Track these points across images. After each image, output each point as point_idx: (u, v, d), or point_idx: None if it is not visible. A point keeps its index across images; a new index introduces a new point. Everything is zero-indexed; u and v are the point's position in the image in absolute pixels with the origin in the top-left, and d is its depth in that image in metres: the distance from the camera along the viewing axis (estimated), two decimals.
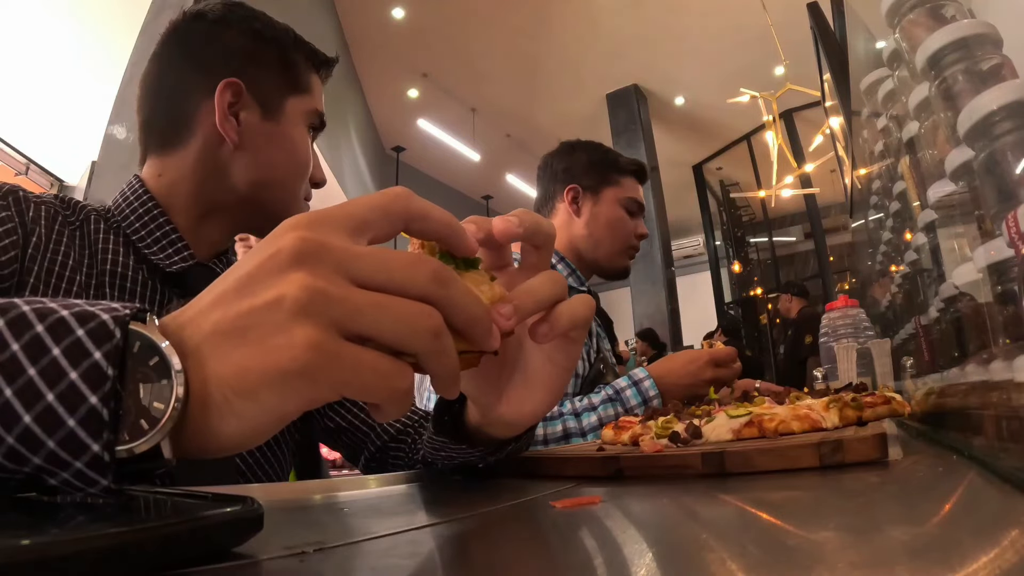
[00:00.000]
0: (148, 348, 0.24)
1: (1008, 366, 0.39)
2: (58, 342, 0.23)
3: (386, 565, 0.23)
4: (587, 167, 1.35)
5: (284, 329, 0.24)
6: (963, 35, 0.51)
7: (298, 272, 0.25)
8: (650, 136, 6.95)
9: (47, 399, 0.22)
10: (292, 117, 0.71)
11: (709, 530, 0.27)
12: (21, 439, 0.22)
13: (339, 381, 0.24)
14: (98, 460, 0.23)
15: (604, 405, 1.06)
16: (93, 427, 0.23)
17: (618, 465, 0.44)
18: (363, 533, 0.30)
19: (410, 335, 0.25)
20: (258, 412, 0.24)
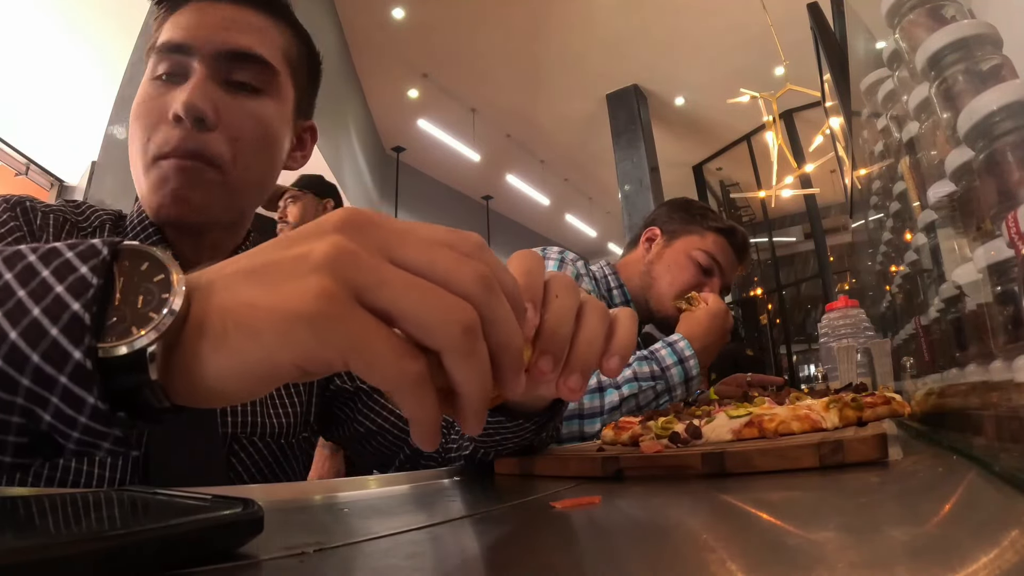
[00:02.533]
0: (155, 266, 0.24)
1: (1008, 366, 0.39)
2: (48, 265, 0.24)
3: (386, 565, 0.23)
4: (673, 213, 1.34)
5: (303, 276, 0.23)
6: (963, 35, 0.51)
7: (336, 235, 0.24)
8: (650, 136, 6.95)
9: (32, 313, 0.23)
10: (141, 85, 0.61)
11: (709, 530, 0.27)
12: (9, 358, 0.22)
13: (345, 342, 0.23)
14: (81, 370, 0.22)
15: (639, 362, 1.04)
16: (76, 333, 0.22)
17: (618, 465, 0.44)
18: (363, 533, 0.30)
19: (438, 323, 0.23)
20: (253, 352, 0.23)
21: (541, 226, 9.71)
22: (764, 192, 6.24)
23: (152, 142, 0.58)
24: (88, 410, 0.23)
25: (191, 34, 0.59)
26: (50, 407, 0.23)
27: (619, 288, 1.30)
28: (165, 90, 0.59)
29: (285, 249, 0.24)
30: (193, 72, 0.58)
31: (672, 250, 1.29)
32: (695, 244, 1.28)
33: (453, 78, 6.67)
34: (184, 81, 0.58)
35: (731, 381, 1.26)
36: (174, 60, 0.59)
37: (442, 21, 5.88)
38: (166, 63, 0.59)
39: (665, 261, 1.29)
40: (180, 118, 0.56)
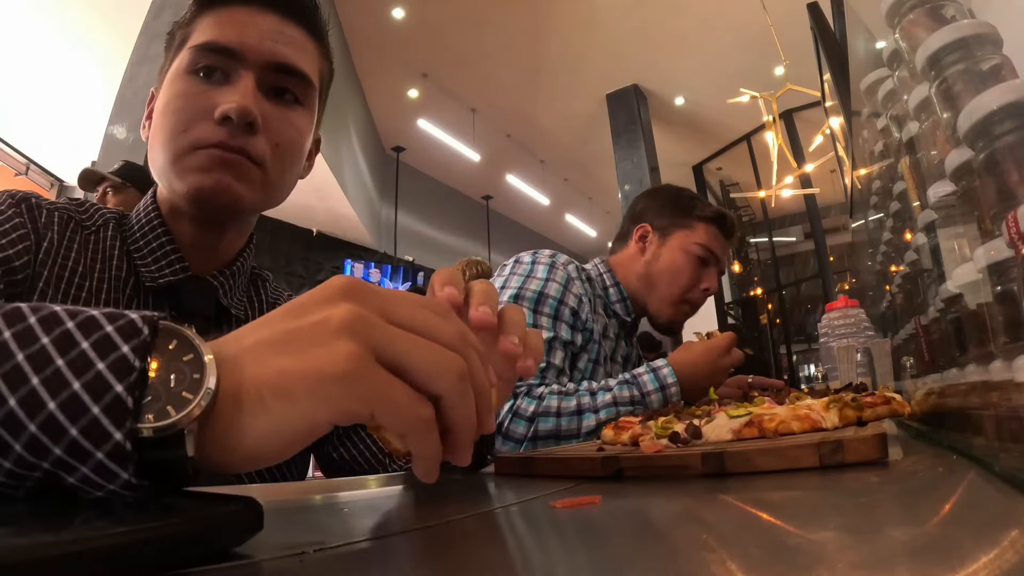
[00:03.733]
0: (184, 344, 0.25)
1: (1008, 366, 0.39)
2: (87, 336, 0.24)
3: (386, 566, 0.23)
4: (662, 208, 1.34)
5: (328, 341, 0.26)
6: (963, 35, 0.51)
7: (345, 302, 0.27)
8: (650, 136, 6.95)
9: (73, 387, 0.23)
10: (172, 74, 0.63)
11: (709, 530, 0.27)
12: (44, 427, 0.22)
13: (372, 396, 0.26)
14: (120, 450, 0.23)
15: (620, 386, 1.05)
16: (117, 415, 0.23)
17: (618, 465, 0.44)
18: (363, 533, 0.30)
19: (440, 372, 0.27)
20: (291, 414, 0.25)
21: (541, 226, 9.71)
22: (764, 192, 6.24)
23: (189, 134, 0.59)
24: (120, 482, 0.24)
25: (240, 40, 0.61)
26: (78, 474, 0.23)
27: (615, 286, 1.31)
28: (206, 88, 0.60)
29: (301, 318, 0.27)
30: (240, 77, 0.60)
31: (668, 248, 1.29)
32: (689, 239, 1.28)
33: (453, 78, 6.67)
34: (226, 82, 0.60)
35: (733, 383, 1.26)
36: (218, 61, 0.60)
37: (442, 21, 5.88)
38: (207, 61, 0.60)
39: (663, 262, 1.29)
40: (230, 119, 0.58)
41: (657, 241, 1.31)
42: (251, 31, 0.62)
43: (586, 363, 1.17)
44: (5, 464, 0.23)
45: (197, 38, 0.62)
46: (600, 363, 1.20)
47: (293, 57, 0.63)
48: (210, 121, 0.59)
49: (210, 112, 0.59)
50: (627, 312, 1.31)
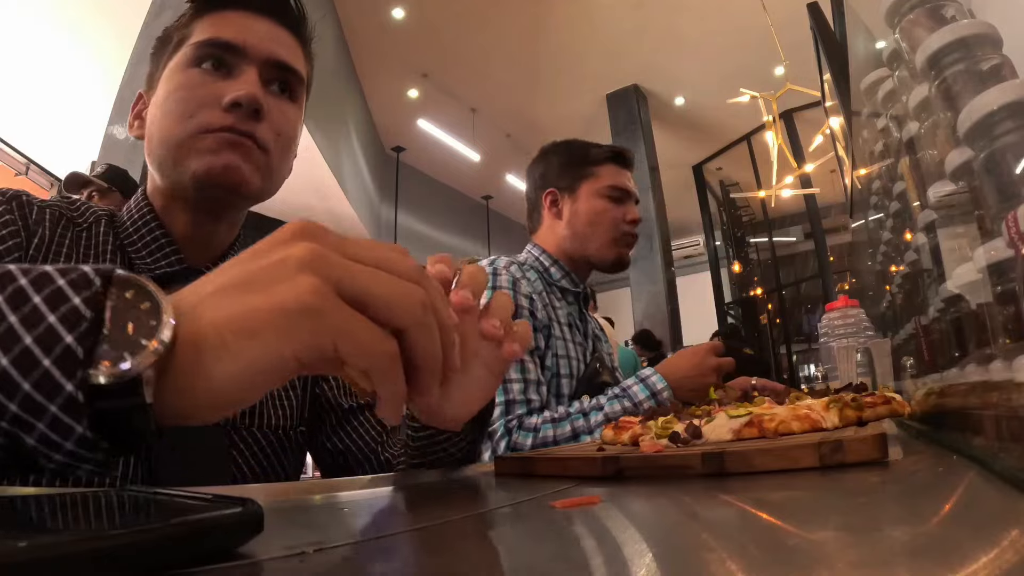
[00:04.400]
0: (140, 294, 0.25)
1: (1008, 366, 0.39)
2: (39, 291, 0.24)
3: (386, 565, 0.23)
4: (560, 168, 1.36)
5: (288, 278, 0.26)
6: (963, 35, 0.51)
7: (302, 242, 0.27)
8: (650, 136, 6.95)
9: (24, 342, 0.23)
10: (171, 70, 0.64)
11: (709, 530, 0.27)
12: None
13: (335, 329, 0.26)
14: (72, 401, 0.23)
15: (611, 401, 1.07)
16: (68, 366, 0.23)
17: (618, 465, 0.44)
18: (363, 533, 0.30)
19: (401, 303, 0.28)
20: (256, 352, 0.25)
21: None
22: (764, 192, 6.25)
23: (196, 119, 0.61)
24: (75, 438, 0.23)
25: (243, 38, 0.64)
26: (35, 432, 0.23)
27: (554, 264, 1.31)
28: (212, 80, 0.63)
29: (259, 260, 0.27)
30: (243, 71, 0.64)
31: (581, 203, 1.31)
32: (596, 186, 1.31)
33: (453, 78, 6.67)
34: (229, 75, 0.63)
35: (735, 385, 1.25)
36: (222, 57, 0.64)
37: (442, 21, 5.88)
38: (211, 57, 0.63)
39: (583, 216, 1.30)
40: (239, 104, 0.61)
41: (569, 200, 1.32)
42: (251, 32, 0.65)
43: (552, 359, 1.17)
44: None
45: (198, 36, 0.64)
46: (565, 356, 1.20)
47: (288, 57, 0.67)
48: (217, 108, 0.61)
49: (216, 100, 0.61)
50: (575, 284, 1.31)
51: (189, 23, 0.66)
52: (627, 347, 6.32)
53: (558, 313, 1.24)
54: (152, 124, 0.64)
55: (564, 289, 1.30)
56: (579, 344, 1.25)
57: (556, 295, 1.28)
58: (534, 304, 1.17)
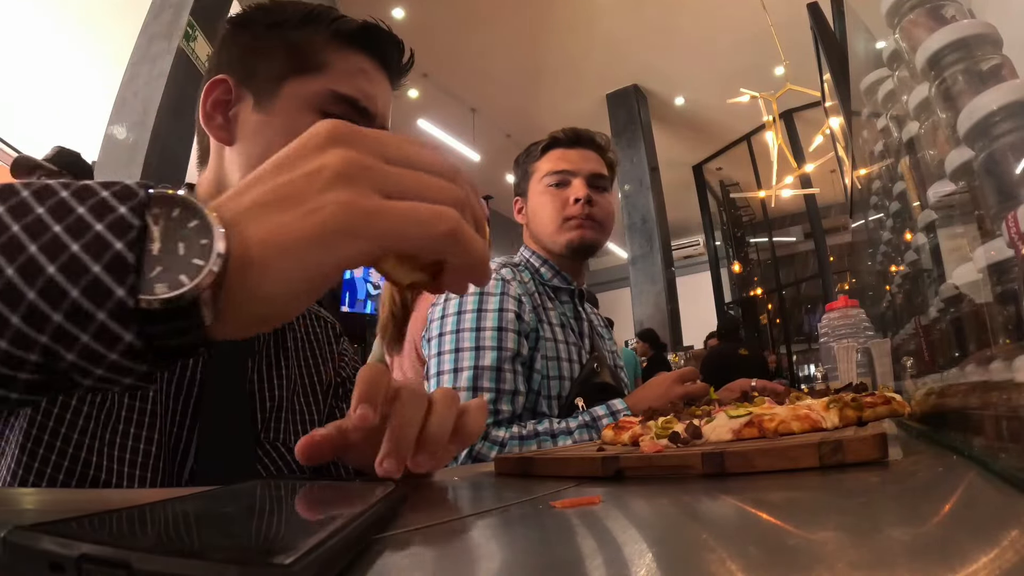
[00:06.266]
0: (187, 211, 0.25)
1: (1008, 366, 0.39)
2: (83, 202, 0.23)
3: (385, 565, 0.23)
4: (517, 175, 1.40)
5: (324, 191, 0.25)
6: (963, 35, 0.51)
7: (336, 148, 0.27)
8: (650, 136, 6.96)
9: (71, 249, 0.22)
10: (292, 101, 0.62)
11: (709, 530, 0.27)
12: (44, 292, 0.22)
13: (378, 233, 0.26)
14: (122, 307, 0.22)
15: (580, 430, 1.08)
16: (118, 271, 0.22)
17: (618, 465, 0.44)
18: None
19: (438, 199, 0.28)
20: (299, 268, 0.25)
21: None
22: (764, 192, 6.25)
23: None
24: (122, 347, 0.23)
25: (373, 104, 0.65)
26: (77, 345, 0.23)
27: (544, 264, 1.31)
28: None
29: (294, 169, 0.26)
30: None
31: (531, 200, 1.34)
32: (537, 180, 1.32)
33: (453, 78, 6.67)
34: None
35: (735, 387, 1.25)
36: (350, 115, 0.63)
37: (442, 21, 5.88)
38: (343, 113, 0.62)
39: (531, 214, 1.33)
40: None
41: (525, 202, 1.36)
42: (380, 96, 0.66)
43: (541, 362, 1.17)
44: (1, 345, 0.22)
45: (336, 82, 0.62)
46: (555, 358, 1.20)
47: (389, 120, 0.69)
48: None
49: None
50: (567, 282, 1.31)
51: (323, 49, 0.63)
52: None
53: (549, 314, 1.23)
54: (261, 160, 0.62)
55: (557, 288, 1.30)
56: (573, 344, 1.25)
57: (549, 295, 1.28)
58: (522, 307, 1.16)
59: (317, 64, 0.62)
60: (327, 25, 0.63)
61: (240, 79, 0.63)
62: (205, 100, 0.63)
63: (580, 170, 1.29)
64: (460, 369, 1.10)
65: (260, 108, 0.63)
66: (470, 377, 1.08)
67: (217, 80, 0.64)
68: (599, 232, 1.29)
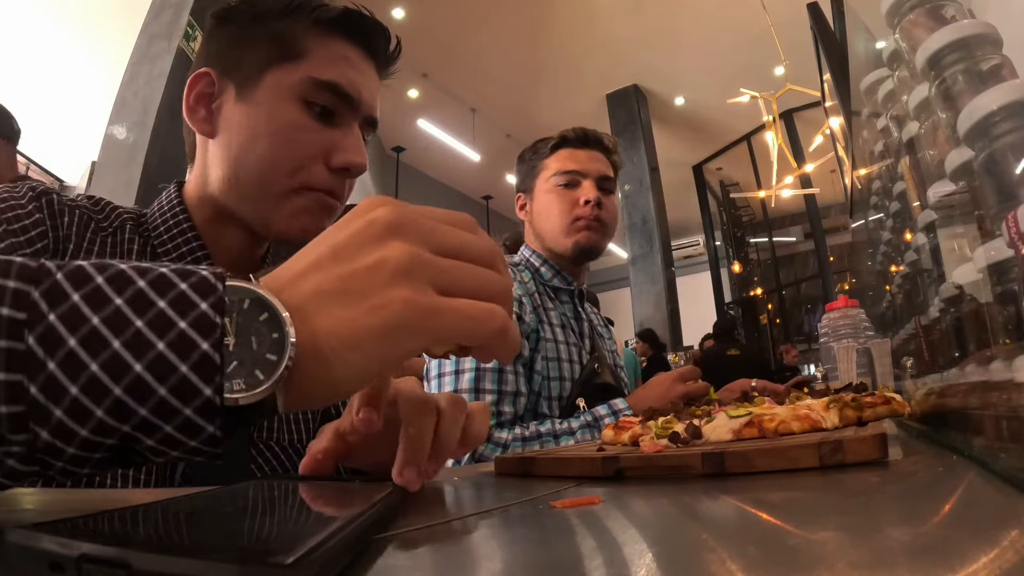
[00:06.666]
0: (257, 303, 0.26)
1: (1008, 366, 0.39)
2: (163, 296, 0.24)
3: (386, 565, 0.23)
4: (522, 170, 1.37)
5: (384, 289, 0.27)
6: (963, 35, 0.51)
7: (395, 240, 0.28)
8: (650, 136, 6.96)
9: (158, 347, 0.23)
10: (274, 91, 0.61)
11: (709, 530, 0.27)
12: (130, 389, 0.22)
13: (436, 330, 0.28)
14: (209, 405, 0.23)
15: (583, 430, 1.08)
16: (206, 371, 0.23)
17: (618, 465, 0.44)
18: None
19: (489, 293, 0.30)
20: (364, 360, 0.27)
21: None
22: (764, 192, 6.25)
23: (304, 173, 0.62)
24: (204, 436, 0.24)
25: (359, 92, 0.65)
26: (158, 434, 0.23)
27: (544, 264, 1.30)
28: (319, 127, 0.63)
29: (354, 261, 0.28)
30: (351, 126, 0.65)
31: (536, 199, 1.31)
32: (545, 178, 1.29)
33: (453, 78, 6.67)
34: (336, 124, 0.64)
35: (736, 387, 1.25)
36: (334, 103, 0.63)
37: (442, 21, 5.88)
38: (326, 101, 0.63)
39: (537, 212, 1.30)
40: (348, 171, 0.64)
41: (529, 199, 1.34)
42: (364, 83, 0.66)
43: (542, 363, 1.17)
44: (81, 432, 0.22)
45: (317, 69, 0.62)
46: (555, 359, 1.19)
47: (377, 110, 0.69)
48: (321, 164, 0.63)
49: (324, 155, 0.63)
50: (567, 282, 1.30)
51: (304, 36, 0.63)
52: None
53: (550, 315, 1.23)
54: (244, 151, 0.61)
55: (557, 288, 1.30)
56: (573, 344, 1.24)
57: (549, 295, 1.27)
58: (522, 308, 1.16)
59: (298, 52, 0.62)
60: (309, 13, 0.63)
61: (223, 71, 0.63)
62: (188, 93, 0.63)
63: (589, 171, 1.27)
64: (461, 371, 1.10)
65: (242, 98, 0.62)
66: (472, 379, 1.08)
67: (200, 73, 0.64)
68: (604, 235, 1.28)
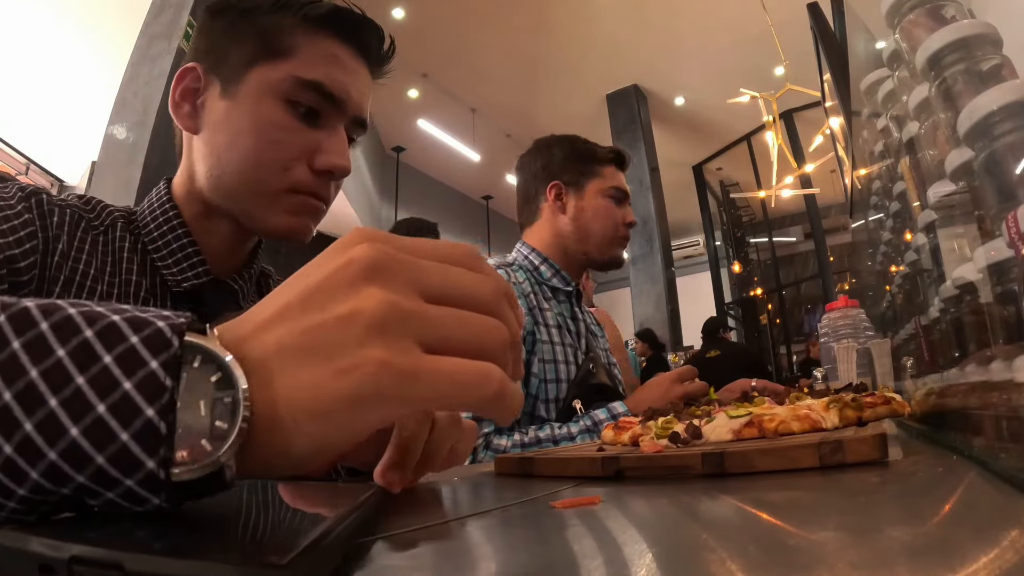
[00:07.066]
0: (209, 361, 0.22)
1: (1008, 366, 0.39)
2: (110, 349, 0.21)
3: (386, 565, 0.23)
4: (565, 162, 1.35)
5: (356, 348, 0.23)
6: (963, 35, 0.51)
7: (372, 287, 0.24)
8: (650, 136, 6.95)
9: (97, 410, 0.20)
10: (257, 88, 0.60)
11: (709, 530, 0.27)
12: (66, 455, 0.20)
13: (415, 398, 0.24)
14: (152, 478, 0.21)
15: (582, 435, 1.07)
16: (149, 442, 0.21)
17: (618, 465, 0.44)
18: (362, 534, 0.30)
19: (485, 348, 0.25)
20: (330, 432, 0.23)
21: None
22: (764, 192, 6.25)
23: (288, 175, 0.61)
24: (150, 506, 0.22)
25: (346, 92, 0.63)
26: (100, 499, 0.21)
27: (544, 263, 1.30)
28: (303, 127, 0.62)
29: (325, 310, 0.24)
30: (335, 128, 0.63)
31: (587, 200, 1.32)
32: (602, 186, 1.32)
33: (453, 78, 6.67)
34: (321, 125, 0.63)
35: (735, 387, 1.25)
36: (322, 105, 0.62)
37: (442, 21, 5.88)
38: (311, 101, 0.62)
39: (589, 213, 1.31)
40: (332, 174, 0.63)
41: (574, 195, 1.32)
42: (353, 83, 0.64)
43: (539, 365, 1.16)
44: (18, 491, 0.20)
45: (303, 68, 0.61)
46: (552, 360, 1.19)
47: (367, 111, 0.67)
48: (307, 166, 0.62)
49: (308, 155, 0.62)
50: (566, 282, 1.31)
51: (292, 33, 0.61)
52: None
53: (545, 315, 1.23)
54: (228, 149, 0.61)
55: (555, 288, 1.29)
56: (569, 345, 1.24)
57: (546, 295, 1.27)
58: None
59: (285, 49, 0.61)
60: (297, 9, 0.62)
61: (209, 66, 0.63)
62: (175, 89, 0.63)
63: (628, 195, 1.37)
64: None
65: (226, 94, 0.62)
66: None
67: (187, 68, 0.63)
68: None
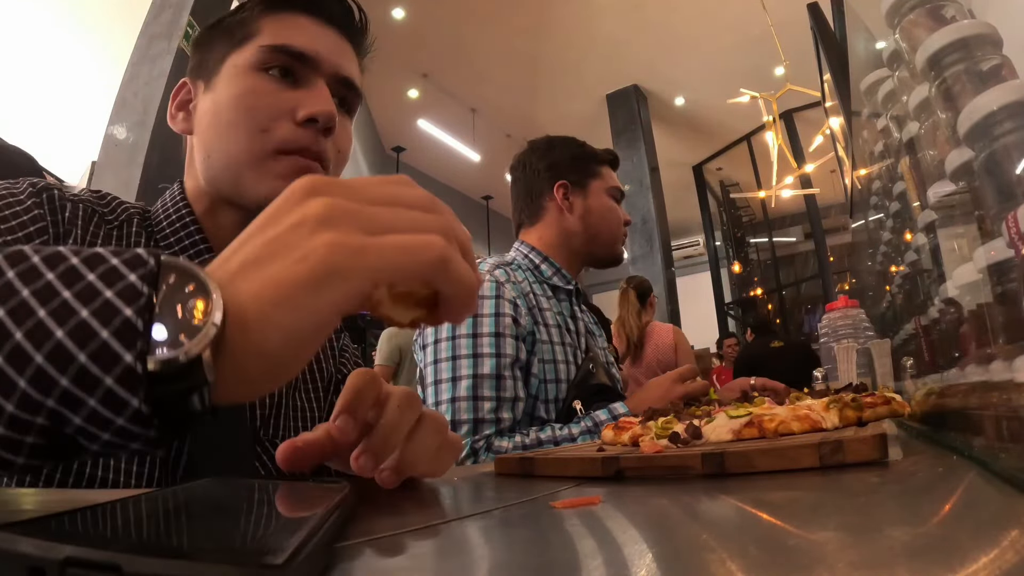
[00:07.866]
0: (184, 275, 0.25)
1: (1008, 366, 0.39)
2: (92, 269, 0.24)
3: (386, 565, 0.23)
4: (570, 162, 1.36)
5: (309, 238, 0.26)
6: (963, 35, 0.51)
7: (315, 198, 0.27)
8: (650, 136, 6.95)
9: (80, 315, 0.22)
10: (231, 71, 0.62)
11: (709, 530, 0.27)
12: (51, 356, 0.22)
13: (368, 268, 0.26)
14: (130, 373, 0.22)
15: (583, 436, 1.07)
16: (127, 337, 0.22)
17: (618, 465, 0.44)
18: (363, 533, 0.30)
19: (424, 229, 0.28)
20: (296, 317, 0.25)
21: None
22: (764, 192, 6.26)
23: (271, 135, 0.60)
24: (129, 412, 0.23)
25: (315, 49, 0.62)
26: (83, 410, 0.23)
27: (545, 261, 1.30)
28: (282, 88, 0.61)
29: (278, 224, 0.27)
30: (314, 83, 0.62)
31: (592, 200, 1.34)
32: (604, 186, 1.36)
33: (453, 78, 6.67)
34: (298, 86, 0.62)
35: (735, 387, 1.25)
36: (293, 65, 0.62)
37: (442, 21, 5.88)
38: (281, 63, 0.61)
39: (596, 212, 1.33)
40: (315, 121, 0.60)
41: (579, 194, 1.34)
42: (322, 43, 0.63)
43: (539, 365, 1.16)
44: (8, 408, 0.22)
45: (268, 39, 0.62)
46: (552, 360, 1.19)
47: (353, 73, 0.67)
48: (289, 121, 0.60)
49: (288, 112, 0.60)
50: (567, 281, 1.31)
51: (255, 20, 0.63)
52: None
53: (545, 314, 1.22)
54: (210, 129, 0.62)
55: (555, 287, 1.29)
56: (569, 345, 1.24)
57: (546, 293, 1.27)
58: (518, 310, 1.15)
59: (251, 33, 0.63)
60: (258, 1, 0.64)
61: (196, 76, 0.66)
62: (171, 105, 0.66)
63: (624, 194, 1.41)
64: (459, 378, 1.07)
65: (208, 90, 0.64)
66: (469, 386, 1.06)
67: (179, 85, 0.67)
68: None
